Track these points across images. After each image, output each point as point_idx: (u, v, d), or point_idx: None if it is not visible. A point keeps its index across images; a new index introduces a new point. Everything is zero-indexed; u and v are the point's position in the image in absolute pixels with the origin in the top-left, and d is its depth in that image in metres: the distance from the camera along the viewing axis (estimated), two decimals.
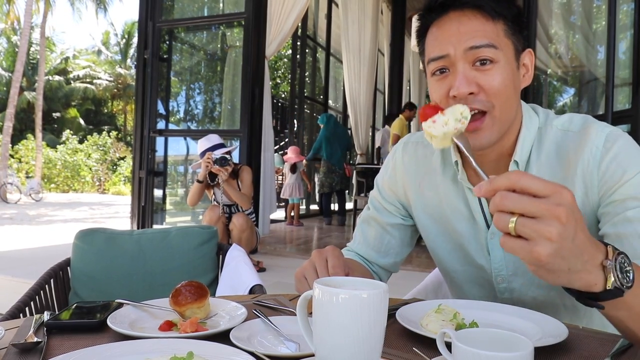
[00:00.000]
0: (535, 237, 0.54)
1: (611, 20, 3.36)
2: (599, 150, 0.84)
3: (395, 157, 1.10)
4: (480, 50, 0.81)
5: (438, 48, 0.85)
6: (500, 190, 0.56)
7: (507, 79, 0.83)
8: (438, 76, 0.86)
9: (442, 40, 0.84)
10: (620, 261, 0.61)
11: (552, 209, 0.53)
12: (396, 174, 1.08)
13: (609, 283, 0.60)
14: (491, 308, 0.88)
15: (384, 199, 1.10)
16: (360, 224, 1.14)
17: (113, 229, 1.60)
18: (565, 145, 0.89)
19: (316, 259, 0.84)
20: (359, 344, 0.55)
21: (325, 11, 9.17)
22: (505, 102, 0.84)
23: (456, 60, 0.83)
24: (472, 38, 0.82)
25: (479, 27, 0.82)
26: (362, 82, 8.56)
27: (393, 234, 1.10)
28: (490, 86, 0.82)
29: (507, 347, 0.53)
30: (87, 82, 29.70)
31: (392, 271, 1.14)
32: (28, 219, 10.18)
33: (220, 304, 0.91)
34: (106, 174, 26.59)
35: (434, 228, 1.04)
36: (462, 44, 0.82)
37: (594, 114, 3.98)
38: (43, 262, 2.18)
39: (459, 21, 0.83)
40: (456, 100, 0.82)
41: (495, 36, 0.83)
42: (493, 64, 0.82)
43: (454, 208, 0.99)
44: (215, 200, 3.91)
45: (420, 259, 4.46)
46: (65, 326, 0.80)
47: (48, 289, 1.37)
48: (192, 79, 6.51)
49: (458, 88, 0.81)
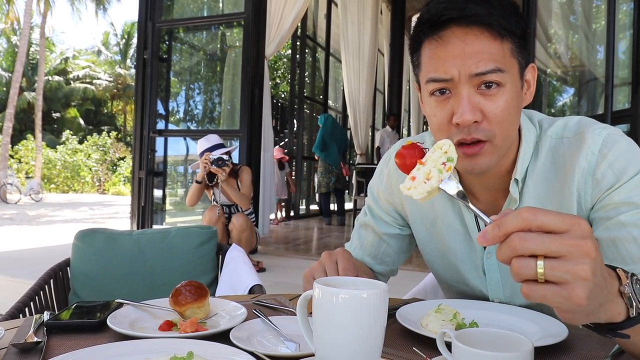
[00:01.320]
0: (570, 280, 0.47)
1: (611, 20, 3.37)
2: (595, 156, 0.81)
3: (389, 165, 1.04)
4: (487, 76, 0.76)
5: (441, 69, 0.77)
6: (513, 232, 0.49)
7: (511, 104, 0.78)
8: (438, 97, 0.80)
9: (445, 61, 0.77)
10: (635, 284, 0.55)
11: (580, 244, 0.47)
12: (391, 183, 1.04)
13: (632, 311, 0.54)
14: (491, 308, 0.88)
15: (380, 209, 1.06)
16: (358, 227, 1.11)
17: (113, 229, 1.60)
18: (561, 153, 0.85)
19: (326, 260, 0.83)
20: (359, 344, 0.55)
21: (325, 11, 9.17)
22: (508, 128, 0.80)
23: (460, 84, 0.77)
24: (479, 62, 0.75)
25: (485, 49, 0.76)
26: (362, 82, 8.56)
27: (390, 243, 1.07)
28: (494, 114, 0.77)
29: (507, 347, 0.53)
30: (87, 82, 29.70)
31: (390, 276, 1.13)
32: (28, 220, 10.18)
33: (220, 304, 0.91)
34: (106, 174, 26.59)
35: (429, 243, 1.01)
36: (467, 67, 0.75)
37: (594, 113, 3.98)
38: (43, 262, 2.18)
39: (463, 40, 0.76)
40: (459, 128, 0.78)
41: (502, 58, 0.77)
42: (499, 87, 0.77)
43: (449, 226, 0.96)
44: (214, 200, 3.91)
45: (420, 259, 4.44)
46: (65, 326, 0.80)
47: (48, 290, 1.37)
48: (191, 79, 6.51)
49: (462, 115, 0.76)
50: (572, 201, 0.83)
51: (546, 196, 0.86)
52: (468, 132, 0.77)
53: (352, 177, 8.43)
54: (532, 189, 0.86)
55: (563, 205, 0.84)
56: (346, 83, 8.48)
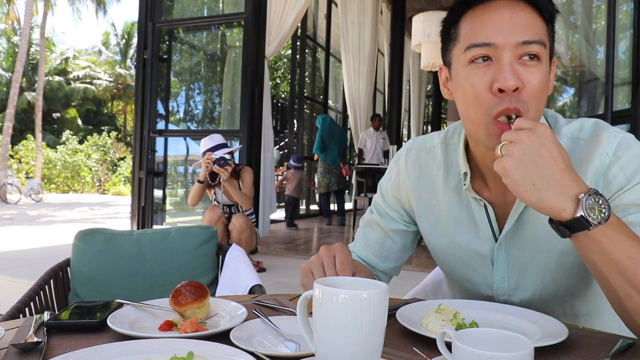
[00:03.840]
0: (504, 153, 0.71)
1: (611, 20, 3.36)
2: (608, 157, 0.82)
3: (399, 163, 1.06)
4: (532, 46, 0.77)
5: (484, 34, 0.78)
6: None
7: (544, 83, 0.80)
8: (478, 64, 0.79)
9: (490, 26, 0.78)
10: (596, 200, 0.68)
11: (521, 134, 0.70)
12: (399, 180, 1.05)
13: (576, 212, 0.68)
14: (491, 308, 0.88)
15: (387, 205, 1.08)
16: (363, 226, 1.12)
17: (113, 230, 1.60)
18: (577, 153, 0.86)
19: (324, 254, 0.83)
20: (359, 344, 0.55)
21: (325, 11, 9.17)
22: (539, 106, 0.80)
23: (503, 51, 0.77)
24: (526, 31, 0.77)
25: (532, 22, 0.78)
26: (362, 82, 8.55)
27: (395, 240, 1.08)
28: (532, 86, 0.78)
29: (507, 347, 0.53)
30: (87, 82, 29.68)
31: (392, 275, 1.13)
32: (28, 220, 10.18)
33: (221, 304, 0.91)
34: (106, 175, 26.58)
35: (435, 237, 1.02)
36: (514, 35, 0.76)
37: (594, 113, 3.98)
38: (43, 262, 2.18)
39: (511, 10, 0.77)
40: (499, 97, 0.77)
41: (544, 34, 0.79)
42: (538, 62, 0.78)
43: (456, 218, 0.97)
44: (215, 200, 3.91)
45: (420, 259, 4.47)
46: (66, 326, 0.80)
47: (48, 290, 1.37)
48: (191, 79, 6.50)
49: (505, 80, 0.75)
50: None
51: None
52: (510, 102, 0.77)
53: (352, 177, 8.43)
54: None
55: None
56: (346, 83, 8.48)
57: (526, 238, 0.90)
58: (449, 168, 0.98)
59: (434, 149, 1.01)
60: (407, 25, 6.78)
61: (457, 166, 0.95)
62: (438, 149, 1.00)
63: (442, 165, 0.99)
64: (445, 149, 0.99)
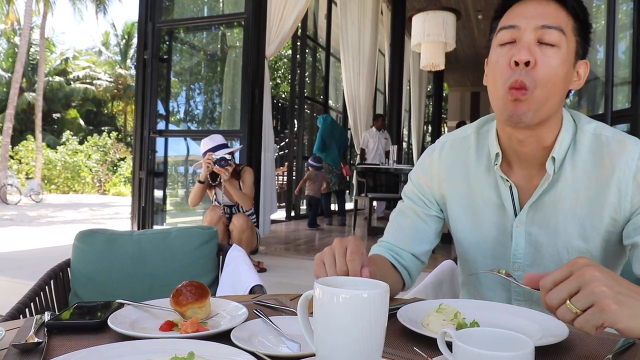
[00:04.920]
0: (593, 298, 0.59)
1: (610, 20, 3.36)
2: (635, 162, 0.90)
3: (432, 155, 1.14)
4: (550, 31, 0.87)
5: (511, 19, 0.91)
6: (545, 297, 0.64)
7: (559, 70, 0.88)
8: (504, 46, 0.91)
9: (517, 14, 0.91)
10: None
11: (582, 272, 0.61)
12: (432, 169, 1.12)
13: None
14: (492, 308, 0.88)
15: (420, 192, 1.14)
16: (395, 217, 1.17)
17: (113, 230, 1.60)
18: (600, 147, 0.94)
19: (337, 245, 0.85)
20: (360, 344, 0.55)
21: (325, 11, 9.16)
22: (550, 89, 0.88)
23: (525, 32, 0.88)
24: (546, 18, 0.88)
25: (555, 12, 0.89)
26: (362, 82, 8.54)
27: (428, 223, 1.13)
28: (544, 65, 0.87)
29: (507, 347, 0.53)
30: (87, 82, 29.66)
31: (422, 261, 1.16)
32: (28, 220, 10.18)
33: (221, 304, 0.91)
34: (106, 175, 26.57)
35: (462, 216, 1.08)
36: (535, 20, 0.88)
37: (594, 113, 3.98)
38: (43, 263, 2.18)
39: (538, 3, 0.90)
40: (514, 71, 0.87)
41: (565, 25, 0.89)
42: (555, 48, 0.87)
43: (486, 197, 1.04)
44: (216, 200, 3.90)
45: None
46: (66, 326, 0.80)
47: (48, 290, 1.37)
48: (192, 80, 6.50)
49: (519, 53, 0.86)
50: (609, 193, 0.91)
51: (584, 181, 0.94)
52: (520, 74, 0.86)
53: (352, 177, 8.42)
54: (570, 172, 0.95)
55: (599, 193, 0.93)
56: (346, 83, 8.47)
57: (546, 219, 0.98)
58: (480, 153, 1.06)
59: (468, 137, 1.10)
60: (407, 25, 6.79)
61: (488, 150, 1.03)
62: (472, 137, 1.09)
63: (475, 150, 1.07)
64: (477, 138, 1.08)
